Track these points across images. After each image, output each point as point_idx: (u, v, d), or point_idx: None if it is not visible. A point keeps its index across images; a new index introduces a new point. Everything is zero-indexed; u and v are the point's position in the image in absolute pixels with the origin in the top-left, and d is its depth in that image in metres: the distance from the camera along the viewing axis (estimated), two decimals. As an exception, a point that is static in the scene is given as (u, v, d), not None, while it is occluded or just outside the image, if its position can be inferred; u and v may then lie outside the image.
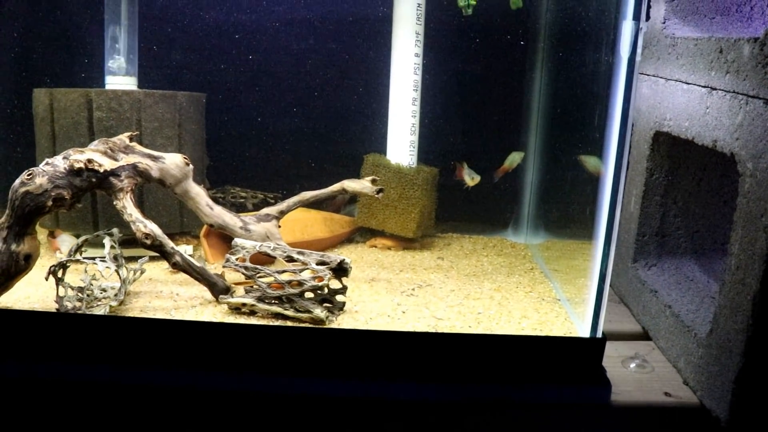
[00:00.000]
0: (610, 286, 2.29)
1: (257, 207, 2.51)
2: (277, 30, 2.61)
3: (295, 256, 1.91)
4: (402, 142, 2.49)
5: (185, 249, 2.32)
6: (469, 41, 2.62)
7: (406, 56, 2.41)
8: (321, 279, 1.85)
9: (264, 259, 2.01)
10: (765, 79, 1.50)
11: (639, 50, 1.55)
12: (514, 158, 2.55)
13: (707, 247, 2.16)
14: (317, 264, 1.88)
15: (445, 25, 2.52)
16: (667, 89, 2.00)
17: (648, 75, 2.13)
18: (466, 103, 2.71)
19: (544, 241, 2.56)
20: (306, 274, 1.87)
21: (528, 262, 2.49)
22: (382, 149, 2.55)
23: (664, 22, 2.08)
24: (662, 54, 2.05)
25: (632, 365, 1.86)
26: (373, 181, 2.22)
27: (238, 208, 2.64)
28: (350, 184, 2.20)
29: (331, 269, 1.87)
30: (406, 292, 2.12)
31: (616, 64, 1.57)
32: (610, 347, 1.96)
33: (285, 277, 1.87)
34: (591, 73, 1.86)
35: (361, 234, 2.65)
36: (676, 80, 1.94)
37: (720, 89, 1.70)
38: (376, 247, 2.54)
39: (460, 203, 2.72)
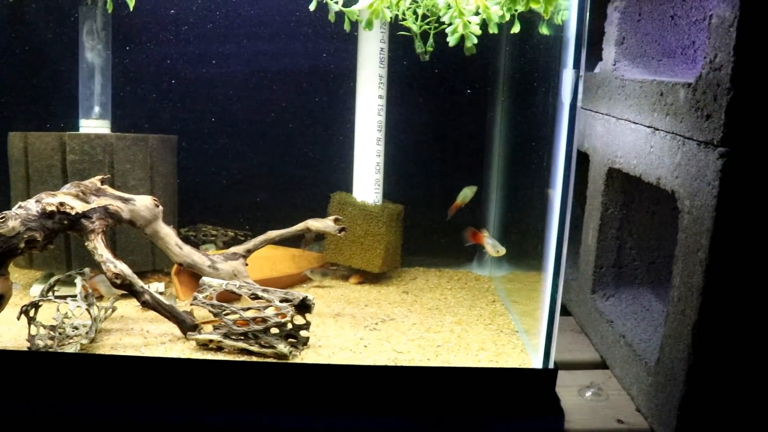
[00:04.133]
0: (572, 316, 2.39)
1: (227, 245, 2.55)
2: (248, 75, 2.66)
3: (260, 293, 1.95)
4: (367, 181, 2.53)
5: (157, 286, 2.35)
6: (432, 84, 2.66)
7: (370, 98, 2.45)
8: (284, 315, 1.89)
9: (231, 296, 2.04)
10: (698, 122, 1.54)
11: (579, 96, 1.60)
12: (466, 194, 2.57)
13: (663, 277, 2.19)
14: (281, 301, 1.92)
15: (408, 69, 2.57)
16: (617, 128, 2.04)
17: (602, 114, 2.17)
18: (430, 143, 2.75)
19: (507, 273, 2.59)
20: (270, 311, 1.91)
21: (490, 294, 2.52)
22: (348, 188, 2.58)
23: (614, 64, 2.12)
24: (613, 94, 2.09)
25: (588, 393, 1.89)
26: (336, 220, 2.26)
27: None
28: (314, 223, 2.24)
29: (294, 306, 1.91)
30: (369, 327, 2.13)
31: (559, 109, 1.63)
32: (569, 376, 1.99)
33: (250, 314, 1.91)
34: (541, 116, 1.90)
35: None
36: (626, 120, 1.99)
37: (661, 130, 1.75)
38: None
39: (427, 238, 2.76)
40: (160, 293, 2.26)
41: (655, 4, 2.03)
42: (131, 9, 2.05)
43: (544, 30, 1.98)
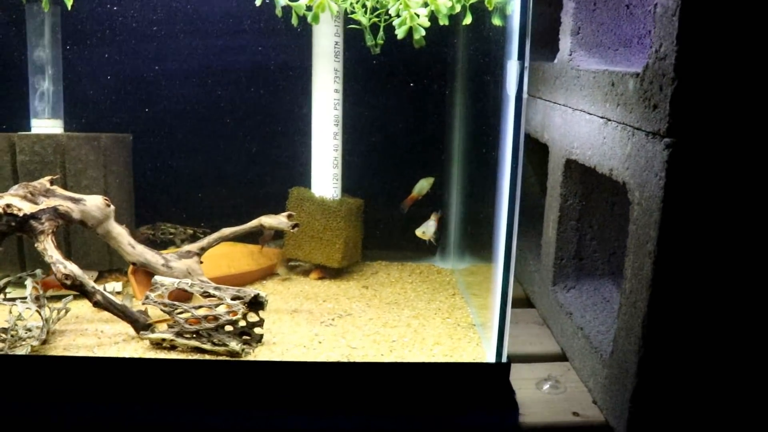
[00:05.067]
0: (536, 308, 2.35)
1: (186, 243, 2.51)
2: (204, 72, 2.63)
3: (212, 291, 1.92)
4: (325, 176, 2.50)
5: (114, 286, 2.32)
6: (390, 77, 2.65)
7: (326, 92, 2.42)
8: (235, 313, 1.86)
9: (187, 295, 2.01)
10: (646, 112, 1.52)
11: (525, 87, 1.57)
12: (422, 186, 2.55)
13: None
14: (232, 299, 1.89)
15: (365, 63, 2.53)
16: (574, 119, 2.02)
17: (560, 105, 2.15)
18: (389, 136, 2.73)
19: (468, 265, 2.55)
20: (221, 309, 1.88)
21: (451, 288, 2.50)
22: (307, 183, 2.55)
23: (570, 55, 2.09)
24: (570, 85, 2.07)
25: (545, 387, 1.86)
26: (289, 216, 2.23)
27: (167, 244, 2.65)
28: (267, 220, 2.21)
29: (245, 303, 1.88)
30: (325, 323, 2.11)
31: (504, 101, 1.60)
32: (527, 369, 1.97)
33: (201, 312, 1.88)
34: (491, 108, 1.87)
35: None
36: (581, 110, 1.97)
37: (613, 120, 1.72)
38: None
39: (390, 231, 2.74)
40: (118, 293, 2.25)
41: (610, -7, 1.99)
42: (68, 8, 2.03)
43: (496, 21, 1.95)
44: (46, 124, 2.34)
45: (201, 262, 2.15)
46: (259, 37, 2.57)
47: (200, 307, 1.89)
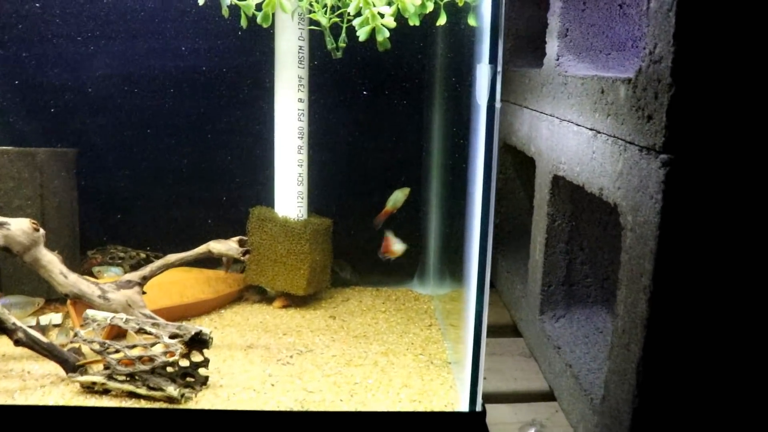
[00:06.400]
0: (523, 338, 2.24)
1: (135, 268, 2.33)
2: (159, 80, 2.46)
3: (148, 328, 1.72)
4: (289, 194, 2.34)
5: (51, 318, 2.13)
6: (362, 84, 2.51)
7: (289, 102, 2.26)
8: (172, 354, 1.67)
9: (123, 331, 1.82)
10: (639, 124, 1.37)
11: (498, 96, 1.42)
12: (397, 198, 2.38)
13: None
14: (170, 337, 1.71)
15: (333, 69, 2.40)
16: (561, 130, 1.90)
17: (546, 115, 2.04)
18: (361, 149, 2.59)
19: (449, 291, 2.42)
20: (158, 348, 1.69)
21: (428, 317, 2.34)
22: (270, 201, 2.40)
23: (557, 59, 1.97)
24: (556, 93, 1.95)
25: (529, 432, 1.70)
26: (241, 242, 2.06)
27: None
28: (216, 246, 2.04)
29: (185, 342, 1.68)
30: (282, 360, 1.94)
31: (474, 111, 1.44)
32: (510, 411, 1.81)
33: (135, 352, 1.69)
34: (466, 118, 1.72)
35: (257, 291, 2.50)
36: (569, 121, 1.84)
37: (603, 133, 1.59)
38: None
39: (363, 254, 2.58)
40: (56, 326, 2.08)
41: (601, -9, 1.89)
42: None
43: (471, 21, 1.80)
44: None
45: (143, 293, 1.95)
46: (218, 41, 2.41)
47: (134, 346, 1.69)
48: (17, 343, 1.74)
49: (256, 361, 1.94)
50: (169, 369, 1.71)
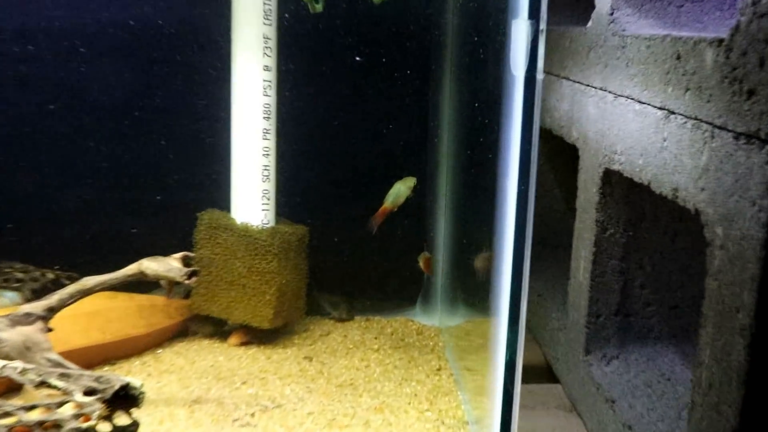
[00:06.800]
0: (561, 384, 2.24)
1: (39, 294, 2.27)
2: (63, 40, 2.41)
3: (54, 381, 1.66)
4: (250, 193, 2.31)
5: None
6: (346, 46, 2.48)
7: (251, 70, 2.23)
8: (87, 418, 1.59)
9: (20, 385, 1.78)
10: (735, 101, 1.31)
11: (540, 64, 1.39)
12: (398, 192, 2.34)
13: (692, 328, 2.08)
14: (85, 393, 1.64)
15: (308, 26, 2.36)
16: (616, 109, 1.88)
17: (595, 88, 2.03)
18: (349, 135, 2.56)
19: (462, 321, 2.39)
20: (68, 410, 1.61)
21: (435, 357, 2.34)
22: (225, 203, 2.37)
23: (611, 14, 1.95)
24: (610, 59, 1.93)
25: None
26: (184, 259, 2.01)
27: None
28: (151, 265, 1.98)
29: (105, 400, 1.60)
30: (240, 421, 1.91)
31: (508, 84, 1.42)
32: None
33: (35, 415, 1.61)
34: (492, 96, 1.72)
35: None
36: (627, 97, 1.82)
37: (679, 113, 1.54)
38: None
39: (349, 271, 2.59)
40: None
41: None
42: None
43: None
44: None
45: (49, 330, 1.90)
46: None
47: (33, 407, 1.62)
48: None
49: (204, 422, 1.91)
50: (86, 436, 1.65)
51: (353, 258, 2.57)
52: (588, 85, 2.07)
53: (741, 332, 1.28)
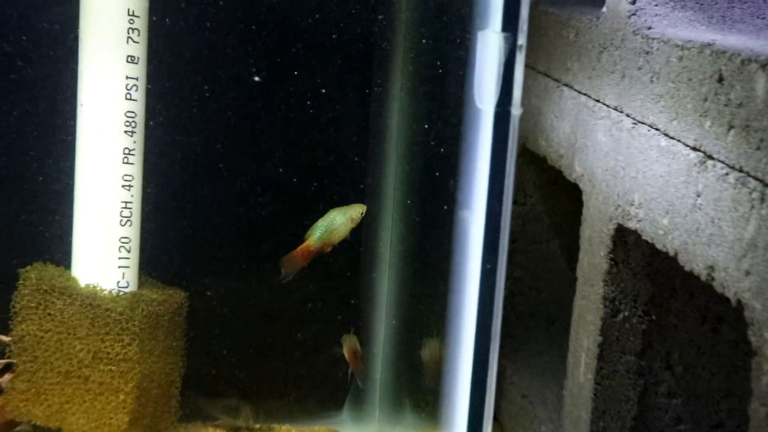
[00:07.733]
0: None
1: None
2: None
3: None
4: (102, 241, 2.33)
5: None
6: (249, 33, 2.53)
7: (106, 64, 2.24)
8: None
9: None
10: None
11: (517, 94, 1.41)
12: (331, 223, 2.37)
13: None
14: None
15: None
16: (635, 141, 1.93)
17: (607, 106, 2.09)
18: (248, 154, 2.61)
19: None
20: None
21: None
22: (62, 256, 2.37)
23: (633, 2, 2.01)
24: (629, 67, 1.99)
25: None
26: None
27: None
28: None
29: None
30: None
31: (470, 118, 1.43)
32: None
33: None
34: (451, 132, 1.77)
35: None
36: (651, 126, 1.87)
37: (719, 160, 1.57)
38: None
39: (250, 356, 2.63)
40: None
41: None
42: None
43: None
44: None
45: None
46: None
47: None
48: None
49: None
50: None
51: (254, 337, 2.59)
52: (598, 101, 2.12)
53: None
